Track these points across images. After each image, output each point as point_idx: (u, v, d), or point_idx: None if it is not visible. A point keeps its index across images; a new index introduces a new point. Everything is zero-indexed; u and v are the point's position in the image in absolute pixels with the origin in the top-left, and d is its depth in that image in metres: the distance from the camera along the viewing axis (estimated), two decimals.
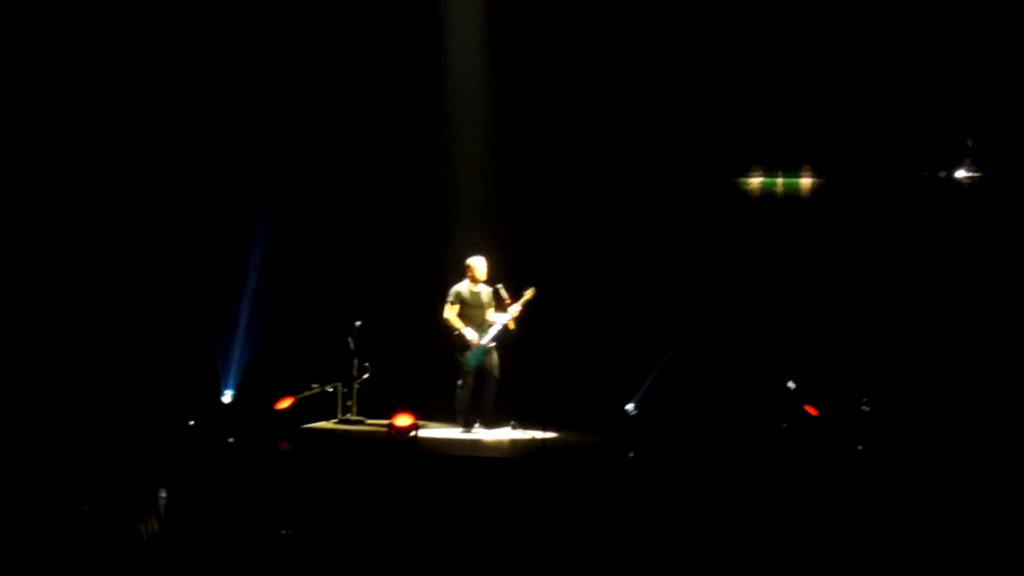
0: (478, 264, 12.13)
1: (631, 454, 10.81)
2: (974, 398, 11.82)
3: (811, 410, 11.85)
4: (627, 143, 13.29)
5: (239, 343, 12.76)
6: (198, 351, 12.76)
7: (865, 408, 11.81)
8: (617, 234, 13.39)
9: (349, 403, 12.75)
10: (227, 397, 12.48)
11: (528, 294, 11.96)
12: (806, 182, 13.51)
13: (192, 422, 11.52)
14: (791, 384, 12.36)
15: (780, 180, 13.53)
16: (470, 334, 11.99)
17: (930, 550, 8.52)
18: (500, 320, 12.02)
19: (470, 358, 12.01)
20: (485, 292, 12.16)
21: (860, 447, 11.12)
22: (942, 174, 12.63)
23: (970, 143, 12.15)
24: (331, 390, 12.77)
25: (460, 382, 12.15)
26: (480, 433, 12.06)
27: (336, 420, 12.70)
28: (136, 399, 11.96)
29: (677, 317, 13.00)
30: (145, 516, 8.55)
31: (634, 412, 12.44)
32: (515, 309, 11.88)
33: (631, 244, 13.38)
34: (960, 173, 12.58)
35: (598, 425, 12.33)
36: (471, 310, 12.10)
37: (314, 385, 12.65)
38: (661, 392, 12.69)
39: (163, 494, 8.75)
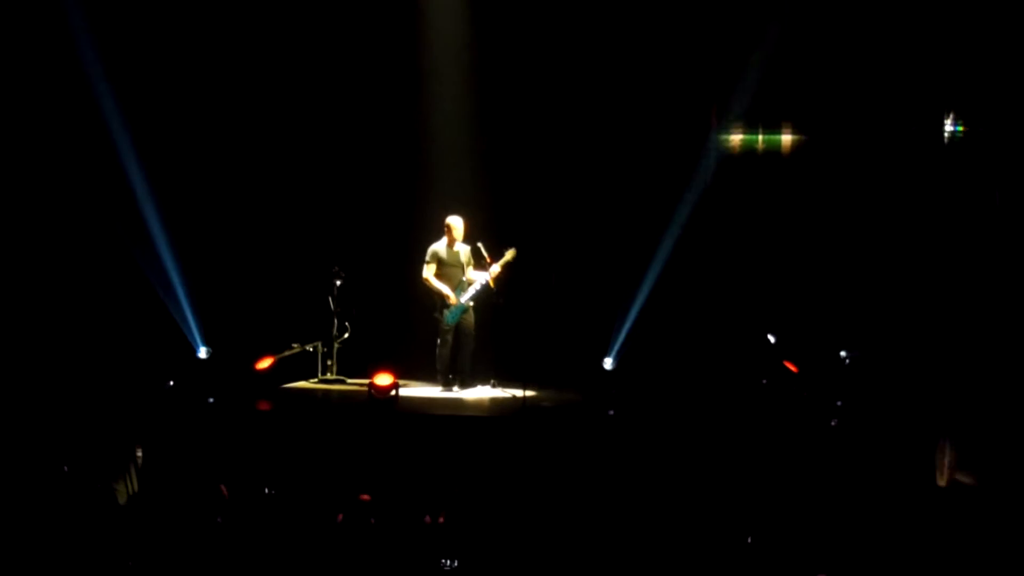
0: (456, 223, 12.09)
1: (611, 412, 10.83)
2: (956, 352, 11.83)
3: (791, 366, 11.88)
4: (604, 97, 13.21)
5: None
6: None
7: (846, 360, 11.79)
8: (594, 189, 13.34)
9: (329, 362, 12.74)
10: (203, 353, 12.41)
11: (508, 255, 11.93)
12: (787, 139, 13.46)
13: (172, 382, 11.50)
14: (771, 337, 12.38)
15: (760, 136, 13.48)
16: (449, 293, 11.97)
17: (906, 506, 8.60)
18: (479, 279, 12.00)
19: (447, 316, 12.00)
20: (463, 251, 12.13)
21: (839, 403, 11.16)
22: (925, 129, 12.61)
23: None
24: (311, 349, 12.75)
25: (439, 340, 12.15)
26: (460, 392, 12.06)
27: (316, 379, 12.69)
28: (113, 358, 11.94)
29: (656, 271, 12.97)
30: (122, 476, 8.56)
31: (612, 367, 12.39)
32: (495, 269, 11.86)
33: (608, 198, 13.33)
34: (946, 128, 12.55)
35: (577, 381, 12.34)
36: (449, 269, 12.08)
37: (294, 345, 12.64)
38: (639, 347, 12.68)
39: (140, 453, 8.75)
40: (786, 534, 7.70)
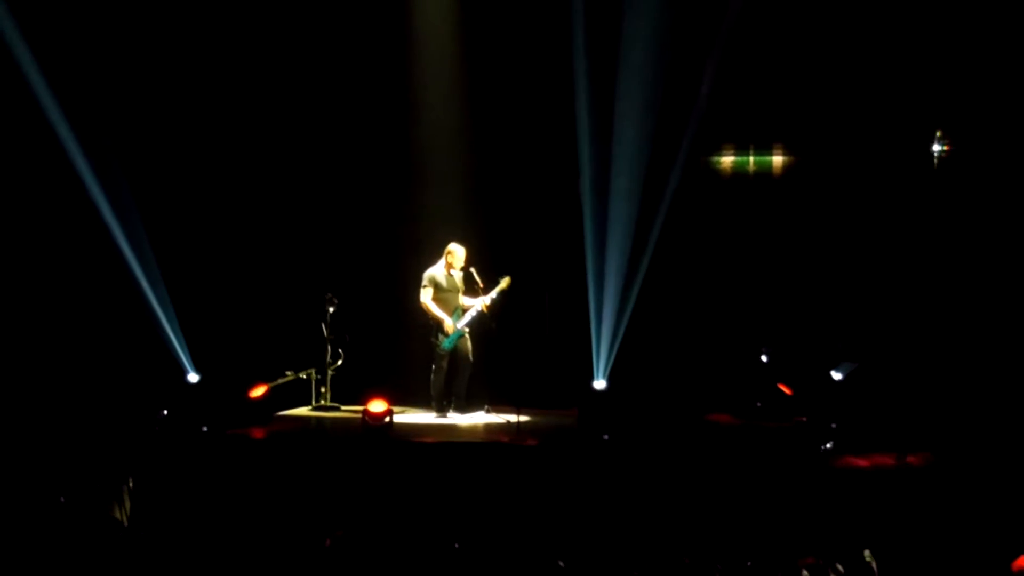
0: (458, 251, 12.10)
1: (605, 436, 10.79)
2: (950, 371, 11.82)
3: (785, 388, 11.85)
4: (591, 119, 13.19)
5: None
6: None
7: (838, 377, 11.71)
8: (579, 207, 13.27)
9: (323, 389, 12.71)
10: (193, 377, 12.36)
11: (504, 283, 11.95)
12: (778, 160, 13.48)
13: (165, 411, 11.45)
14: (764, 357, 12.35)
15: (752, 158, 13.50)
16: (447, 320, 11.96)
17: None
18: (474, 305, 12.00)
19: (444, 343, 11.99)
20: (458, 277, 12.15)
21: (834, 426, 11.13)
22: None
23: None
24: (305, 377, 12.73)
25: (434, 367, 12.14)
26: (454, 418, 12.04)
27: (310, 407, 12.66)
28: (105, 385, 11.91)
29: (646, 289, 12.95)
30: (116, 506, 8.53)
31: (604, 388, 12.30)
32: (491, 297, 11.86)
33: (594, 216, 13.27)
34: (934, 148, 12.58)
35: (571, 405, 12.28)
36: (445, 295, 12.08)
37: (288, 372, 12.60)
38: (631, 369, 12.62)
39: (130, 484, 8.72)
40: (784, 557, 7.68)
